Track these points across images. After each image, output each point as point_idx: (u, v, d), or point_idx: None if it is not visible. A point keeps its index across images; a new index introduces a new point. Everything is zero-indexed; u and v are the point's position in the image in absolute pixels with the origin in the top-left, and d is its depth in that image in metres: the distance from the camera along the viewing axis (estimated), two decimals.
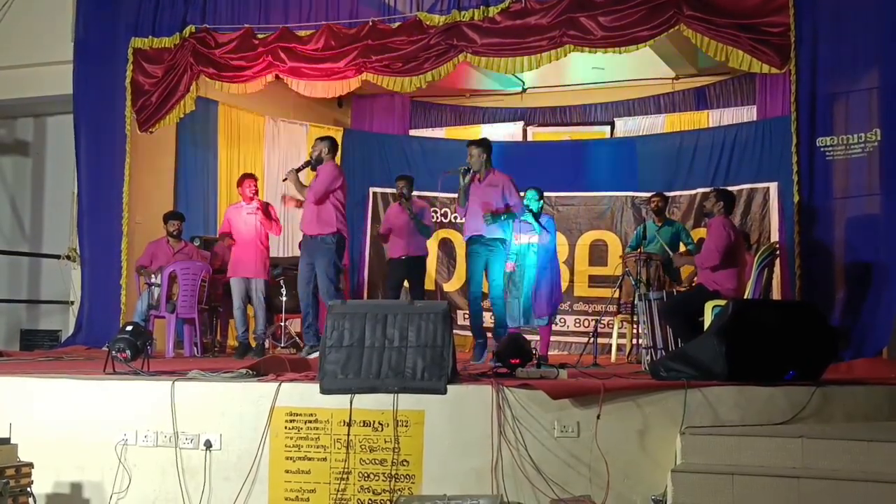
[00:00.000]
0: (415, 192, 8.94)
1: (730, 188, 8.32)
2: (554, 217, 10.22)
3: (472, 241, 7.35)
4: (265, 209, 8.24)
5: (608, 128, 11.18)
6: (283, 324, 9.24)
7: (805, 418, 4.86)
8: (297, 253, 8.56)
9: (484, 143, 7.46)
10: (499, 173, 7.41)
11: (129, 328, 5.96)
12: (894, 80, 6.76)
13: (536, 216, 8.01)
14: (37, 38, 9.75)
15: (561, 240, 10.41)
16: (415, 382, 4.98)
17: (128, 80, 9.02)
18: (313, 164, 7.47)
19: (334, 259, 7.23)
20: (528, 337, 6.79)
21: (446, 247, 10.93)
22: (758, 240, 9.30)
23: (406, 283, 8.61)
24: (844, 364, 6.17)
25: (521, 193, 7.88)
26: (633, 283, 7.38)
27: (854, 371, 5.99)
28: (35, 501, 5.00)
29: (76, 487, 5.22)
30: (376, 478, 4.90)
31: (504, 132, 11.54)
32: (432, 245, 10.79)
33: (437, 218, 10.83)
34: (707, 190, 8.84)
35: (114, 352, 5.66)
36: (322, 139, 7.60)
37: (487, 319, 8.40)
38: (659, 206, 8.69)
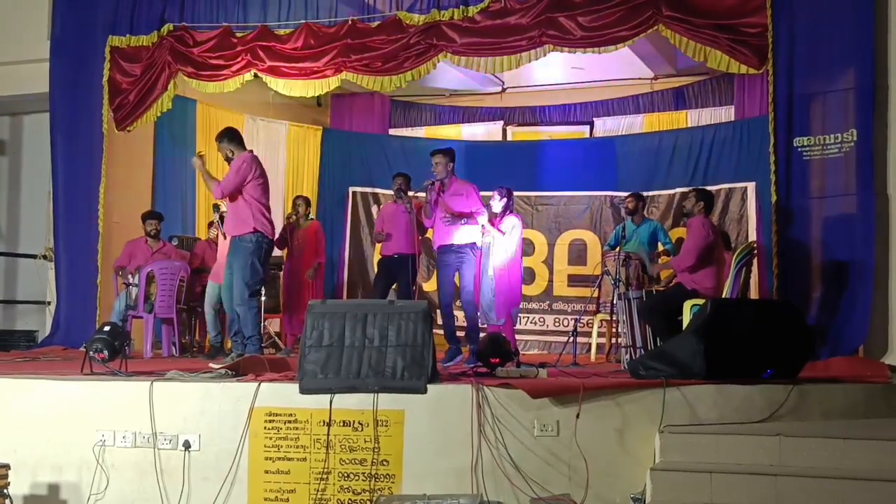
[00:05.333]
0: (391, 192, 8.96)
1: (708, 188, 8.38)
2: (531, 216, 10.29)
3: (441, 252, 7.49)
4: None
5: (587, 127, 11.20)
6: (262, 323, 9.19)
7: (782, 416, 4.91)
8: (276, 252, 8.44)
9: (448, 152, 7.62)
10: (462, 182, 7.55)
11: (106, 328, 5.91)
12: (870, 80, 6.81)
13: (495, 217, 8.19)
14: (13, 35, 9.66)
15: (540, 239, 10.47)
16: (395, 382, 4.98)
17: (105, 79, 8.94)
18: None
19: (252, 260, 6.82)
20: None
21: (426, 246, 10.93)
22: (736, 239, 9.35)
23: (395, 284, 8.55)
24: (821, 362, 6.21)
25: (489, 193, 8.23)
26: (613, 282, 7.41)
27: (831, 369, 6.04)
28: (12, 502, 4.96)
29: (53, 489, 5.18)
30: (356, 478, 4.89)
31: (483, 132, 11.55)
32: None
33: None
34: (686, 190, 8.89)
35: (91, 352, 5.62)
36: (221, 137, 7.15)
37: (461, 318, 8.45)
38: (630, 208, 8.67)
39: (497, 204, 8.26)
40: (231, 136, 7.12)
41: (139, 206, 9.20)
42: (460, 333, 7.71)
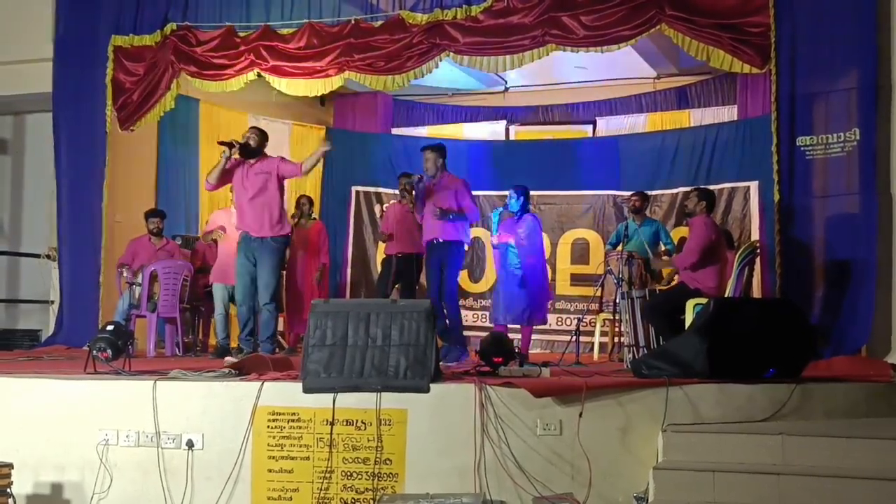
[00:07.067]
0: (394, 191, 8.99)
1: (711, 187, 8.39)
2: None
3: (427, 247, 7.51)
4: None
5: (590, 127, 11.19)
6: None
7: (785, 415, 4.90)
8: None
9: (439, 148, 7.68)
10: (452, 177, 7.59)
11: (109, 327, 5.91)
12: (872, 80, 6.81)
13: (511, 217, 8.19)
14: (16, 34, 9.65)
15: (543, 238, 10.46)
16: (398, 381, 4.98)
17: (108, 78, 8.95)
18: (241, 150, 7.24)
19: (280, 260, 7.30)
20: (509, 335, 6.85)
21: None
22: (739, 238, 9.35)
23: (398, 284, 8.54)
24: (824, 362, 6.21)
25: (504, 193, 8.12)
26: (615, 281, 7.41)
27: (833, 369, 6.03)
28: (15, 502, 4.96)
29: (56, 488, 5.19)
30: (359, 476, 4.90)
31: (486, 131, 11.55)
32: None
33: None
34: (688, 189, 8.89)
35: (94, 351, 5.63)
36: (263, 136, 7.44)
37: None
38: (637, 206, 8.70)
39: (514, 203, 8.23)
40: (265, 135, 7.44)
41: (142, 205, 9.21)
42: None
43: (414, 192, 7.74)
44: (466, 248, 7.84)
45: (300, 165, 7.25)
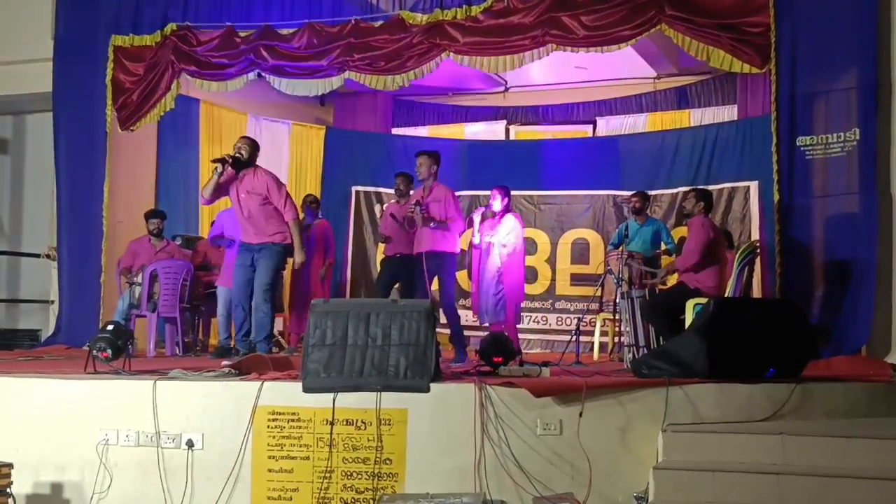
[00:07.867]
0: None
1: (711, 187, 8.40)
2: (533, 215, 10.33)
3: (420, 258, 7.51)
4: None
5: (590, 127, 11.21)
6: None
7: (785, 415, 4.90)
8: None
9: (433, 154, 7.67)
10: (443, 188, 7.58)
11: (109, 327, 5.91)
12: (872, 79, 6.82)
13: (493, 216, 8.25)
14: (16, 34, 9.68)
15: (543, 238, 10.49)
16: (398, 381, 4.98)
17: (108, 78, 8.96)
18: (233, 163, 7.19)
19: (278, 265, 7.26)
20: None
21: None
22: (739, 238, 9.36)
23: (398, 283, 8.56)
24: (823, 361, 6.21)
25: (488, 193, 8.31)
26: (615, 281, 7.41)
27: (833, 368, 6.03)
28: (15, 502, 4.96)
29: (56, 488, 5.19)
30: (359, 476, 4.90)
31: (486, 131, 11.55)
32: None
33: None
34: (687, 189, 8.90)
35: (94, 351, 5.62)
36: (254, 145, 7.40)
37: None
38: (637, 206, 8.72)
39: (496, 203, 8.26)
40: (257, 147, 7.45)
41: (142, 205, 9.21)
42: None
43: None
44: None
45: (297, 212, 7.36)
